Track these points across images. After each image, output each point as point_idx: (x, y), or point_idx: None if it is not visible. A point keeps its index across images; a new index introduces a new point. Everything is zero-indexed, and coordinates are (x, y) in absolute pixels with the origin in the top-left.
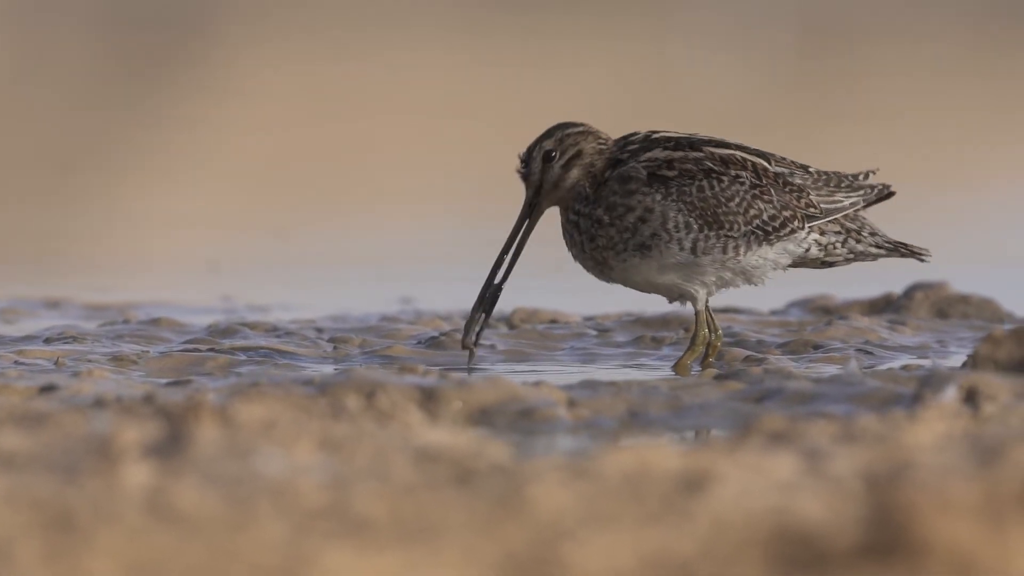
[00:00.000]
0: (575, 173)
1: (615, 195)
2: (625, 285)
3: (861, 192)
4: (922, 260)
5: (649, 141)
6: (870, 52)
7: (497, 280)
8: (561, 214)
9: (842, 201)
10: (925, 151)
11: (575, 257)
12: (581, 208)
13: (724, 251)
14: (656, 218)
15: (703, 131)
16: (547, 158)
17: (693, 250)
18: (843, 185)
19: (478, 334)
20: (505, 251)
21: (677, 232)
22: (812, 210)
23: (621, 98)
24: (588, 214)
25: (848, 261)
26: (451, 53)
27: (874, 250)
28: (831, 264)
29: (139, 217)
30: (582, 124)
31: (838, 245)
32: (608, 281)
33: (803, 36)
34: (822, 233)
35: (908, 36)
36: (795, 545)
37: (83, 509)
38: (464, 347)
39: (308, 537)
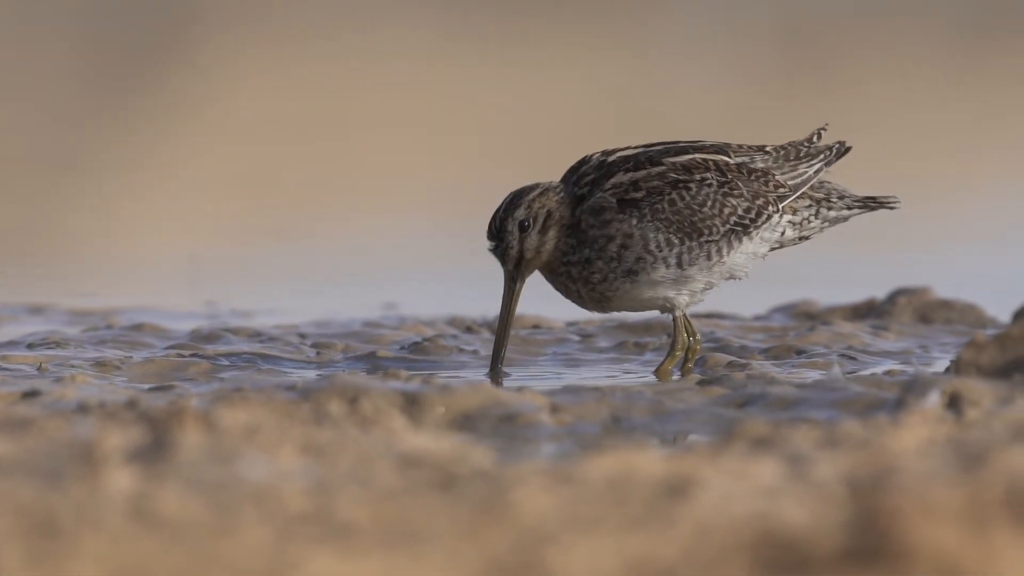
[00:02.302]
0: (552, 234)
1: (592, 228)
2: (621, 310)
3: (821, 157)
4: (892, 208)
5: (606, 166)
6: (849, 58)
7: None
8: (545, 276)
9: (807, 171)
10: (905, 157)
11: (577, 303)
12: (570, 257)
13: (709, 257)
14: (637, 242)
15: (674, 137)
16: (522, 228)
17: (679, 264)
18: (802, 155)
19: None
20: (500, 328)
21: (660, 251)
22: (782, 190)
23: (603, 105)
24: (576, 260)
25: (823, 229)
26: (432, 63)
27: (846, 212)
28: (808, 238)
29: (122, 224)
30: (535, 184)
31: (811, 218)
32: (608, 311)
33: (783, 43)
34: (794, 212)
35: (887, 42)
36: (778, 550)
37: (67, 514)
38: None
39: (291, 542)
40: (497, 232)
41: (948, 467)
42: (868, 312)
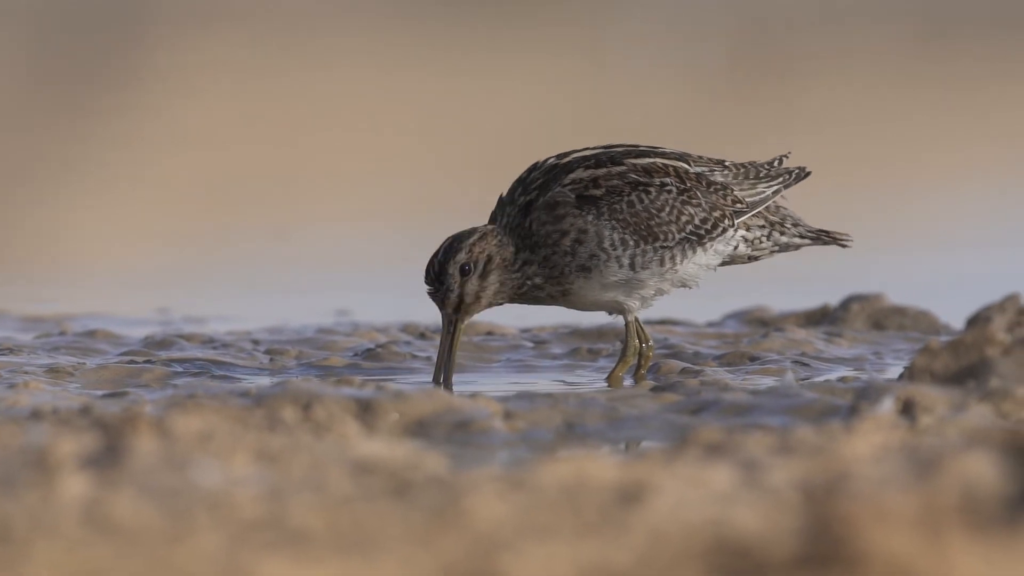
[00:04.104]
0: (493, 278)
1: (544, 225)
2: (575, 307)
3: (780, 179)
4: (844, 246)
5: (560, 167)
6: (804, 65)
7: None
8: (511, 302)
9: (765, 191)
10: (861, 161)
11: (558, 304)
12: (529, 271)
13: (662, 263)
14: (591, 238)
15: (631, 141)
16: (464, 272)
17: (632, 266)
18: (762, 175)
19: None
20: (438, 372)
21: (614, 250)
22: (739, 206)
23: (559, 112)
24: (539, 268)
25: (773, 253)
26: (388, 68)
27: (798, 240)
28: (757, 258)
29: (75, 230)
30: (473, 229)
31: (764, 239)
32: (569, 307)
33: (737, 50)
34: (748, 229)
35: (841, 49)
36: (732, 556)
37: (20, 521)
38: None
39: (245, 548)
40: (437, 276)
41: (902, 473)
42: (822, 319)
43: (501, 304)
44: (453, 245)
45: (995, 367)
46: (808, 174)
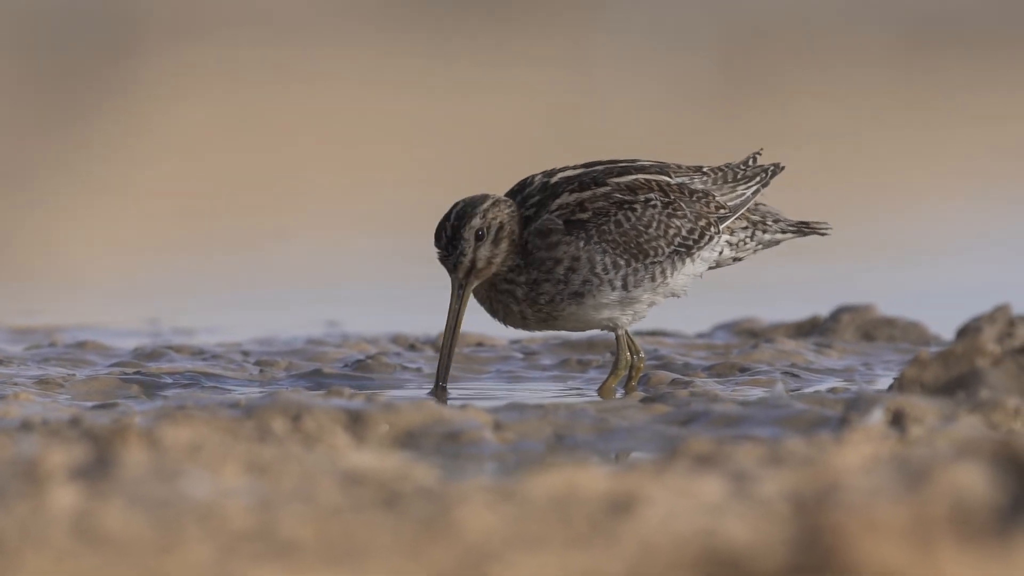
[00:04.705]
0: (504, 246)
1: (539, 250)
2: (564, 330)
3: (758, 178)
4: (823, 234)
5: (550, 188)
6: (791, 77)
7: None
8: (484, 288)
9: (745, 193)
10: (850, 174)
11: (518, 325)
12: (515, 277)
13: (653, 279)
14: (584, 264)
15: (623, 154)
16: (478, 237)
17: (625, 286)
18: (740, 177)
19: None
20: (446, 339)
21: (607, 274)
22: (723, 211)
23: (545, 124)
24: (523, 281)
25: (756, 251)
26: (376, 80)
27: (780, 235)
28: (741, 259)
29: (64, 241)
30: (486, 195)
31: (748, 240)
32: (550, 330)
33: (724, 62)
34: (732, 232)
35: (828, 61)
36: (723, 567)
37: (10, 532)
38: None
39: (235, 559)
40: (450, 240)
41: (892, 484)
42: (811, 330)
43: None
44: (466, 209)
45: (985, 378)
46: (782, 168)
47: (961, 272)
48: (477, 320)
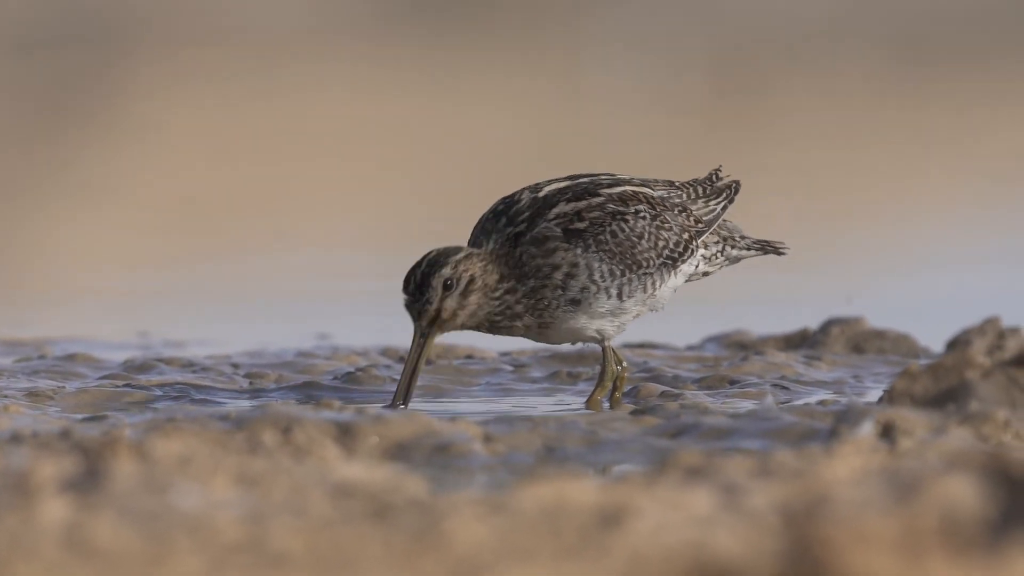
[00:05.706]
0: (473, 299)
1: (536, 258)
2: (557, 341)
3: (724, 194)
4: (780, 254)
5: (540, 200)
6: (783, 85)
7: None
8: (485, 327)
9: (715, 208)
10: (839, 185)
11: (525, 336)
12: (511, 301)
13: (645, 290)
14: (582, 271)
15: (610, 167)
16: (447, 287)
17: (619, 295)
18: (709, 192)
19: None
20: (403, 383)
21: (603, 281)
22: (700, 225)
23: (534, 138)
24: (522, 295)
25: (722, 268)
26: (366, 93)
27: (745, 252)
28: (709, 274)
29: (54, 253)
30: (459, 247)
31: (719, 255)
32: (547, 342)
33: (713, 75)
34: (706, 247)
35: (819, 71)
36: None
37: (0, 544)
38: None
39: (225, 571)
40: (418, 286)
41: (882, 496)
42: (801, 342)
43: (468, 329)
44: (439, 259)
45: (975, 390)
46: (739, 185)
47: (951, 285)
48: (466, 332)
